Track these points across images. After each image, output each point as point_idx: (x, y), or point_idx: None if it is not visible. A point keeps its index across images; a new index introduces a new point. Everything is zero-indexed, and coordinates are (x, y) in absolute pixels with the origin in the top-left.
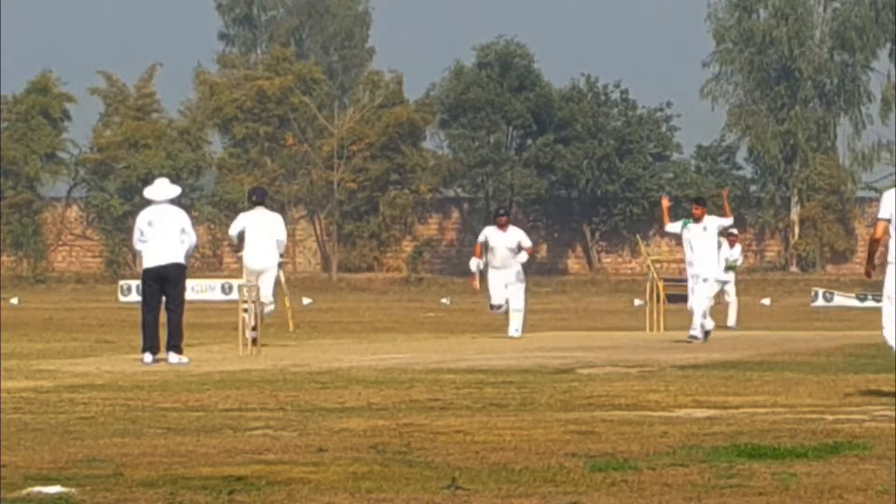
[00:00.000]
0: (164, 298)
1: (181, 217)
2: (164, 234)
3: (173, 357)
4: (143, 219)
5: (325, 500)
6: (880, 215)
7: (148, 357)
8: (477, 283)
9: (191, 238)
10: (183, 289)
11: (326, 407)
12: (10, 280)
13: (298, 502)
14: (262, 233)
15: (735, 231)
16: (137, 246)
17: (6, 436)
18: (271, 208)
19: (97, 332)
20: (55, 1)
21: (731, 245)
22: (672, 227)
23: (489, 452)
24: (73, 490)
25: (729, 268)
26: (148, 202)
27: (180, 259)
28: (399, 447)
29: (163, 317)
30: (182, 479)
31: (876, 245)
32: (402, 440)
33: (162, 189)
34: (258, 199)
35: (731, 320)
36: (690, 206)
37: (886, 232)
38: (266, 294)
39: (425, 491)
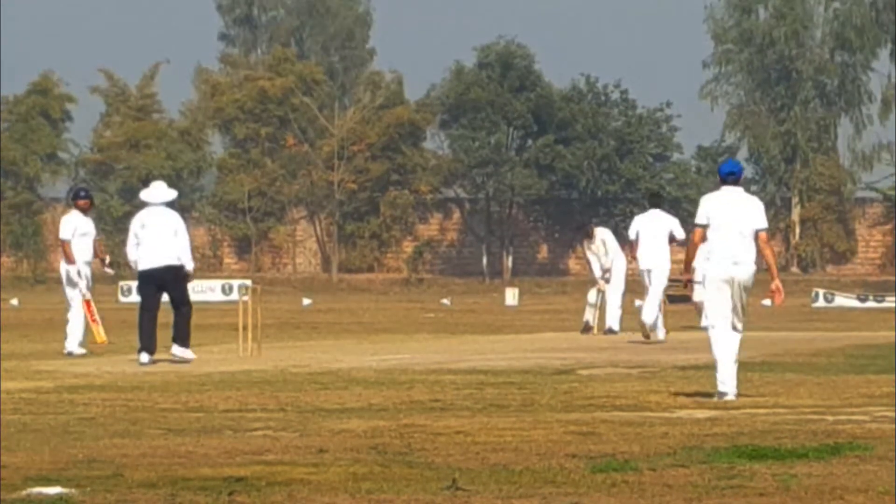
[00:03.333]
0: (166, 300)
1: (174, 219)
2: (157, 236)
3: (177, 349)
4: (137, 221)
5: (325, 501)
6: (698, 220)
7: (144, 357)
8: None
9: (183, 240)
10: (184, 289)
11: (327, 408)
12: (10, 281)
13: (299, 503)
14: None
15: None
16: (131, 250)
17: (6, 437)
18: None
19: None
20: (55, 1)
21: None
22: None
23: (489, 453)
24: (73, 491)
25: None
26: (144, 204)
27: (174, 261)
28: (399, 448)
29: (162, 318)
30: (182, 480)
31: (694, 250)
32: (402, 441)
33: (158, 192)
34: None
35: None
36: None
37: (703, 238)
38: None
39: (426, 492)
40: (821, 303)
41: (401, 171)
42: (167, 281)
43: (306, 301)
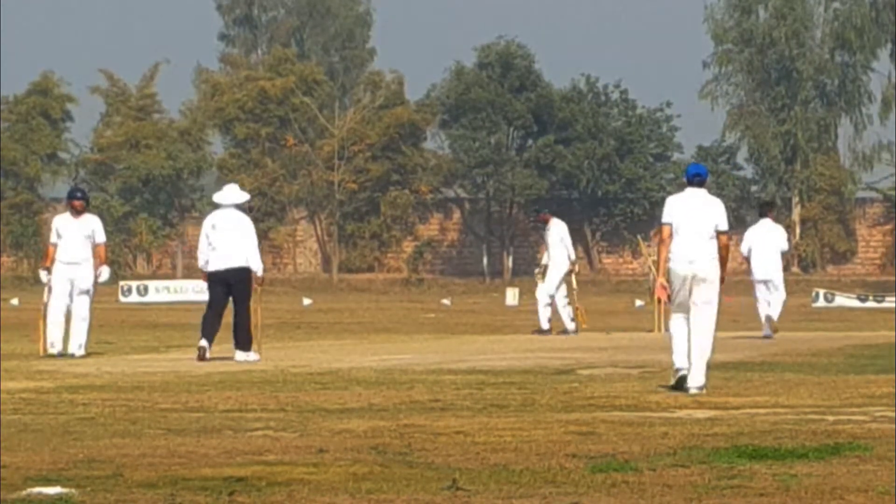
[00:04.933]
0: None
1: (243, 222)
2: (225, 238)
3: (240, 355)
4: (208, 223)
5: (325, 501)
6: (664, 220)
7: (204, 341)
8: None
9: (251, 243)
10: (247, 291)
11: (327, 408)
12: (11, 281)
13: (299, 503)
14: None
15: None
16: (203, 251)
17: (6, 436)
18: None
19: (97, 332)
20: (55, 1)
21: None
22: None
23: (490, 453)
24: (73, 491)
25: None
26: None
27: (242, 263)
28: (399, 448)
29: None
30: (182, 480)
31: (664, 248)
32: (402, 441)
33: (228, 194)
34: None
35: None
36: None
37: (670, 235)
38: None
39: (426, 492)
40: (821, 303)
41: (401, 172)
42: (230, 282)
43: (307, 301)
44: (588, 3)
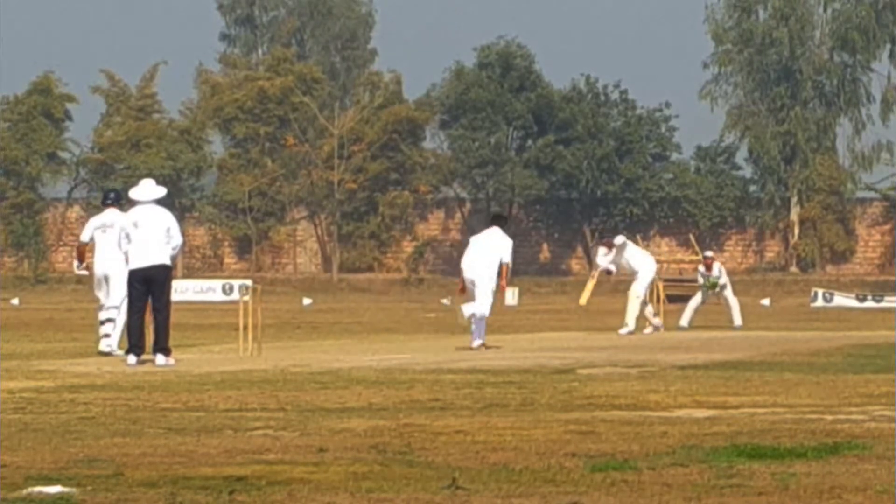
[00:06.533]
0: (150, 300)
1: (166, 218)
2: (149, 235)
3: (160, 359)
4: (128, 220)
5: (325, 500)
6: None
7: (132, 358)
8: None
9: (176, 239)
10: (169, 290)
11: (327, 407)
12: (11, 280)
13: (299, 502)
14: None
15: (709, 253)
16: (123, 247)
17: (7, 436)
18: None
19: (97, 332)
20: (55, 1)
21: (709, 268)
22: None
23: (489, 452)
24: (74, 490)
25: (712, 286)
26: (133, 203)
27: (165, 260)
28: (399, 447)
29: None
30: (183, 480)
31: None
32: (402, 440)
33: (147, 190)
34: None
35: (737, 320)
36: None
37: None
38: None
39: (426, 491)
40: (820, 302)
41: (400, 171)
42: (154, 279)
43: (307, 301)
44: (588, 3)
